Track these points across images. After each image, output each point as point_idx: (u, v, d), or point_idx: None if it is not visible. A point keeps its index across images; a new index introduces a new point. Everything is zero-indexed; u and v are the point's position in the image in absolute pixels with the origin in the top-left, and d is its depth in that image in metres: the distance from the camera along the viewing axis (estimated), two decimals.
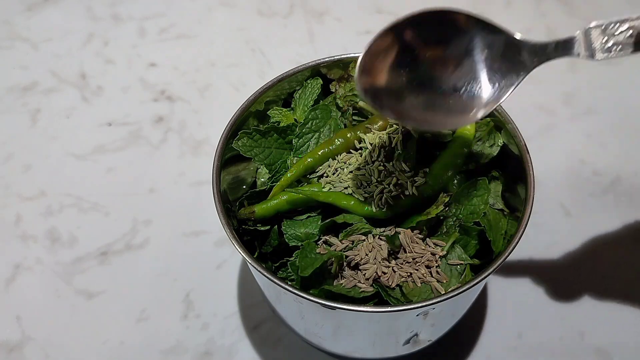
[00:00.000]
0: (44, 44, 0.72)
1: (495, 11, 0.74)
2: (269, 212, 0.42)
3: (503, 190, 0.45)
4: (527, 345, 0.50)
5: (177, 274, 0.54)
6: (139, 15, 0.76)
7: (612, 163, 0.61)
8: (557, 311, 0.52)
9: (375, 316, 0.37)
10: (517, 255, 0.55)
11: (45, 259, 0.55)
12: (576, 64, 0.71)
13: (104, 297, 0.53)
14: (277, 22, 0.75)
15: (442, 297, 0.36)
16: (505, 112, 0.44)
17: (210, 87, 0.68)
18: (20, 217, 0.58)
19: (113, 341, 0.51)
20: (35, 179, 0.61)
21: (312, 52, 0.71)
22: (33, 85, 0.68)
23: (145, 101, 0.67)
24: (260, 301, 0.52)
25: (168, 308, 0.52)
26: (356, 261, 0.39)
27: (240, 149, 0.43)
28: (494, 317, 0.52)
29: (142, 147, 0.63)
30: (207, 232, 0.56)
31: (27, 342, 0.51)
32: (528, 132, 0.45)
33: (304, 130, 0.44)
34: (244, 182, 0.47)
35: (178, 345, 0.50)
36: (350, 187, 0.41)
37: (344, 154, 0.43)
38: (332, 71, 0.48)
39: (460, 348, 0.50)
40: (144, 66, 0.70)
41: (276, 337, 0.51)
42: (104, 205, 0.59)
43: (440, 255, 0.40)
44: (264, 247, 0.44)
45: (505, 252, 0.38)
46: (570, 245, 0.56)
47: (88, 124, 0.65)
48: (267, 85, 0.46)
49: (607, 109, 0.66)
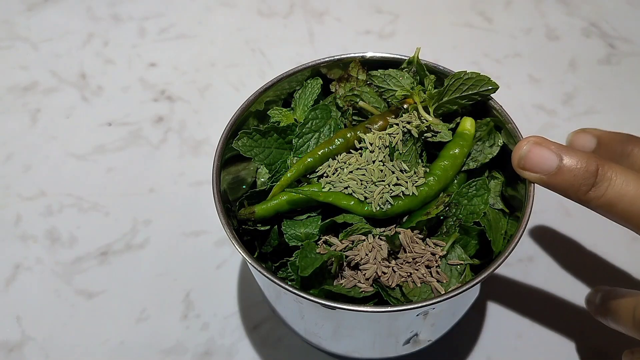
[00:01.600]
0: (44, 44, 0.73)
1: (495, 11, 0.75)
2: (269, 212, 0.42)
3: (503, 190, 0.45)
4: (527, 345, 0.50)
5: (177, 274, 0.54)
6: (139, 15, 0.76)
7: None
8: (557, 311, 0.52)
9: (375, 316, 0.37)
10: (517, 256, 0.55)
11: (45, 259, 0.55)
12: (576, 64, 0.71)
13: (104, 297, 0.53)
14: (277, 22, 0.75)
15: (442, 297, 0.36)
16: (505, 112, 0.44)
17: (210, 87, 0.68)
18: (20, 217, 0.58)
19: (113, 341, 0.51)
20: (35, 179, 0.61)
21: (312, 52, 0.71)
22: (33, 85, 0.68)
23: (145, 101, 0.67)
24: (260, 301, 0.52)
25: (168, 308, 0.52)
26: (356, 261, 0.39)
27: (240, 149, 0.43)
28: (494, 317, 0.52)
29: (142, 147, 0.63)
30: (207, 232, 0.56)
31: (27, 342, 0.51)
32: (528, 132, 0.45)
33: (304, 130, 0.44)
34: (244, 182, 0.47)
35: (178, 345, 0.50)
36: (350, 187, 0.41)
37: (344, 154, 0.43)
38: (332, 71, 0.48)
39: (460, 348, 0.50)
40: (144, 66, 0.70)
41: (276, 337, 0.51)
42: (104, 205, 0.59)
43: (440, 255, 0.40)
44: (264, 247, 0.44)
45: (505, 252, 0.38)
46: (570, 245, 0.56)
47: (88, 124, 0.65)
48: (267, 85, 0.46)
49: (607, 109, 0.66)
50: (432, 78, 0.45)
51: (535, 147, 0.38)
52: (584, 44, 0.73)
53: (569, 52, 0.72)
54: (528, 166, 0.38)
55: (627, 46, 0.72)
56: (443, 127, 0.44)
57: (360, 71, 0.47)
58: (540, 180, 0.38)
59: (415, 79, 0.46)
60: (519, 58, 0.71)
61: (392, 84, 0.46)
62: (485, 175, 0.44)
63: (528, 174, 0.38)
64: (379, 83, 0.46)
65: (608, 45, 0.72)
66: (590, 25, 0.75)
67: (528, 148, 0.38)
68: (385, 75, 0.46)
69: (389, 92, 0.46)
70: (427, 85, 0.45)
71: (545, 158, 0.37)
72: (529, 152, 0.38)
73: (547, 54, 0.72)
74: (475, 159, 0.44)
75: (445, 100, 0.44)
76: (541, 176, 0.38)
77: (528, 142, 0.38)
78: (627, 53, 0.72)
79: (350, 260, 0.39)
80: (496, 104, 0.44)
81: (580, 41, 0.73)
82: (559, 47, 0.72)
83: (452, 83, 0.43)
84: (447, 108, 0.44)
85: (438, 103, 0.44)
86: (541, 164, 0.38)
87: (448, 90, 0.43)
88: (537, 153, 0.38)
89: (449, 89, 0.43)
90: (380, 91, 0.46)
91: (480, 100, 0.44)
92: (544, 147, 0.38)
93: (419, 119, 0.44)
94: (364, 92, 0.46)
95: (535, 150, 0.38)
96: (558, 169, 0.37)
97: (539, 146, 0.38)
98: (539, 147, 0.38)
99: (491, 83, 0.43)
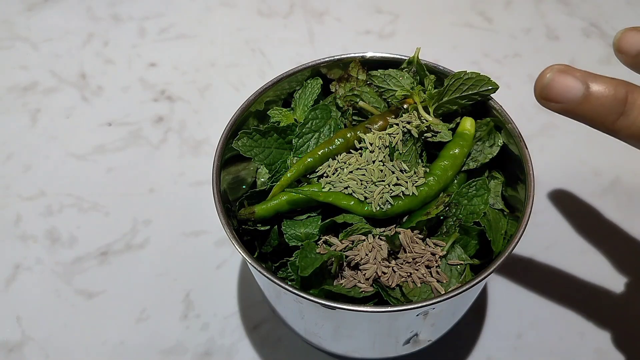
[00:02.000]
0: (44, 44, 0.73)
1: (495, 11, 0.75)
2: (269, 212, 0.42)
3: (503, 190, 0.45)
4: (527, 345, 0.50)
5: (177, 274, 0.54)
6: (139, 15, 0.76)
7: (612, 163, 0.61)
8: (557, 311, 0.52)
9: (375, 316, 0.37)
10: (517, 255, 0.55)
11: (45, 259, 0.55)
12: (576, 64, 0.71)
13: (104, 297, 0.53)
14: (277, 22, 0.75)
15: (442, 297, 0.36)
16: (505, 112, 0.44)
17: (210, 87, 0.68)
18: (20, 217, 0.58)
19: (113, 341, 0.51)
20: (35, 179, 0.61)
21: (312, 52, 0.71)
22: (33, 85, 0.68)
23: (145, 101, 0.67)
24: (260, 301, 0.52)
25: (168, 308, 0.52)
26: (356, 261, 0.39)
27: (240, 149, 0.43)
28: (494, 317, 0.52)
29: (142, 147, 0.63)
30: (207, 232, 0.56)
31: (27, 342, 0.51)
32: (528, 132, 0.45)
33: (304, 130, 0.44)
34: (244, 182, 0.47)
35: (178, 345, 0.50)
36: (350, 187, 0.41)
37: (344, 154, 0.43)
38: (332, 71, 0.48)
39: (460, 348, 0.50)
40: (144, 66, 0.70)
41: (276, 337, 0.51)
42: (104, 205, 0.59)
43: (440, 255, 0.40)
44: (264, 247, 0.44)
45: (505, 252, 0.38)
46: (570, 245, 0.56)
47: (88, 124, 0.65)
48: (267, 85, 0.46)
49: None
50: (432, 78, 0.45)
51: (559, 75, 0.35)
52: (584, 44, 0.73)
53: (569, 52, 0.72)
54: (552, 96, 0.35)
55: None
56: (443, 127, 0.44)
57: (360, 71, 0.47)
58: (564, 110, 0.36)
59: (415, 79, 0.46)
60: (519, 58, 0.71)
61: (392, 84, 0.46)
62: (485, 175, 0.44)
63: (552, 105, 0.36)
64: (379, 83, 0.46)
65: (608, 45, 0.72)
66: (590, 25, 0.75)
67: (551, 76, 0.35)
68: (385, 75, 0.46)
69: (389, 92, 0.46)
70: (427, 85, 0.45)
71: (570, 86, 0.35)
72: (552, 81, 0.35)
73: (547, 54, 0.72)
74: (475, 159, 0.44)
75: (445, 100, 0.44)
76: (565, 106, 0.35)
77: (552, 70, 0.35)
78: None
79: (350, 260, 0.39)
80: (496, 104, 0.44)
81: (580, 41, 0.73)
82: (559, 47, 0.72)
83: (452, 83, 0.43)
84: (447, 108, 0.44)
85: (438, 103, 0.44)
86: (566, 92, 0.35)
87: (448, 90, 0.43)
88: (561, 81, 0.35)
89: (449, 89, 0.43)
90: (380, 91, 0.46)
91: (480, 100, 0.44)
92: (568, 74, 0.35)
93: (419, 119, 0.44)
94: (364, 92, 0.46)
95: (559, 79, 0.35)
96: (584, 98, 0.34)
97: (563, 74, 0.35)
98: (563, 75, 0.35)
99: (491, 83, 0.43)
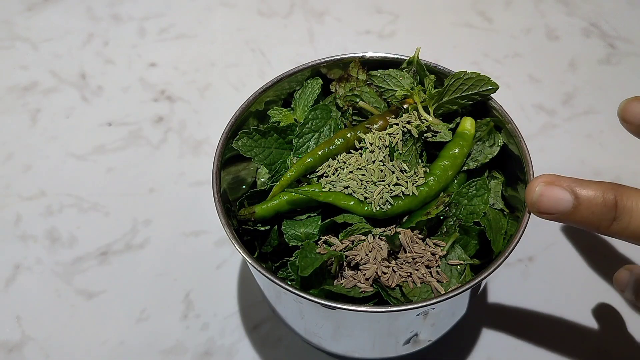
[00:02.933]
0: (44, 44, 0.73)
1: (495, 11, 0.75)
2: (269, 212, 0.42)
3: (503, 190, 0.45)
4: (527, 345, 0.50)
5: (177, 274, 0.54)
6: (139, 15, 0.76)
7: (612, 163, 0.61)
8: (557, 311, 0.52)
9: (375, 316, 0.37)
10: (517, 255, 0.55)
11: (45, 259, 0.55)
12: (576, 64, 0.71)
13: (104, 297, 0.53)
14: (277, 22, 0.75)
15: (442, 297, 0.36)
16: (505, 112, 0.44)
17: (210, 87, 0.68)
18: (20, 217, 0.58)
19: (113, 341, 0.51)
20: (35, 179, 0.61)
21: (312, 52, 0.71)
22: (33, 85, 0.68)
23: (145, 101, 0.67)
24: (260, 301, 0.52)
25: (168, 308, 0.52)
26: (356, 261, 0.39)
27: (240, 149, 0.43)
28: (494, 317, 0.52)
29: (142, 147, 0.63)
30: (207, 232, 0.56)
31: (27, 342, 0.51)
32: (528, 132, 0.45)
33: (304, 130, 0.44)
34: (244, 182, 0.47)
35: (178, 345, 0.50)
36: (350, 187, 0.41)
37: (344, 154, 0.43)
38: (332, 71, 0.48)
39: (460, 348, 0.50)
40: (144, 66, 0.70)
41: (276, 337, 0.51)
42: (104, 205, 0.59)
43: (440, 255, 0.40)
44: (264, 247, 0.44)
45: (505, 252, 0.38)
46: (570, 245, 0.56)
47: (88, 124, 0.65)
48: (267, 85, 0.46)
49: (607, 109, 0.66)
50: (432, 78, 0.45)
51: (546, 189, 0.36)
52: (584, 44, 0.73)
53: (569, 52, 0.72)
54: (543, 209, 0.36)
55: (627, 46, 0.72)
56: (443, 127, 0.44)
57: (360, 71, 0.47)
58: (558, 220, 0.37)
59: (415, 79, 0.46)
60: (519, 58, 0.71)
61: (392, 84, 0.46)
62: (485, 175, 0.44)
63: (545, 216, 0.37)
64: (379, 83, 0.46)
65: (608, 45, 0.72)
66: (590, 25, 0.75)
67: (540, 190, 0.36)
68: (385, 75, 0.46)
69: (389, 92, 0.46)
70: (427, 85, 0.45)
71: (560, 198, 0.36)
72: (541, 196, 0.36)
73: (547, 54, 0.72)
74: (475, 159, 0.44)
75: (445, 100, 0.44)
76: (559, 216, 0.36)
77: (539, 183, 0.36)
78: (627, 53, 0.72)
79: (350, 260, 0.39)
80: (496, 104, 0.44)
81: (580, 41, 0.73)
82: (559, 47, 0.72)
83: (452, 83, 0.43)
84: (447, 108, 0.44)
85: (438, 103, 0.44)
86: (556, 205, 0.36)
87: (448, 90, 0.43)
88: (550, 195, 0.36)
89: (449, 89, 0.43)
90: (380, 91, 0.46)
91: (480, 100, 0.44)
92: (556, 186, 0.36)
93: (419, 119, 0.44)
94: (364, 92, 0.46)
95: (547, 193, 0.36)
96: (574, 208, 0.35)
97: (550, 186, 0.36)
98: (551, 188, 0.36)
99: (491, 83, 0.43)
